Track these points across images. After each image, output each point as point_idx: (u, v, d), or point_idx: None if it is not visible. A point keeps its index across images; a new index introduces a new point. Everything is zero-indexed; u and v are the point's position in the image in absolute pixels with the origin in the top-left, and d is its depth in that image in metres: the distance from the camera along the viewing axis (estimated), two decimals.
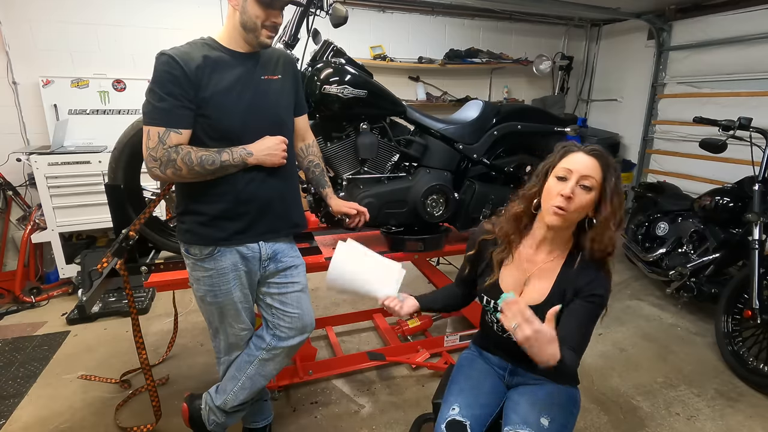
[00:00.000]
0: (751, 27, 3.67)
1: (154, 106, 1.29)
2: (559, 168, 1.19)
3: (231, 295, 1.48)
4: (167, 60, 1.28)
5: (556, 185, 1.17)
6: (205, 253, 1.44)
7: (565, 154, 1.20)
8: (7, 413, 2.06)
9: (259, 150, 1.38)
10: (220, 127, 1.36)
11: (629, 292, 3.38)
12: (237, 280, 1.48)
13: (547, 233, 1.24)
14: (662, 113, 4.57)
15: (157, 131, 1.29)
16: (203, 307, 1.54)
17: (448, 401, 1.32)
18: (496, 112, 2.26)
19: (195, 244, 1.44)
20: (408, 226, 2.22)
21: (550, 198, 1.18)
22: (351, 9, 3.87)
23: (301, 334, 1.60)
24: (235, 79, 1.36)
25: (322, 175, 1.80)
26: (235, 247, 1.45)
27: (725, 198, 2.79)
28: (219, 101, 1.33)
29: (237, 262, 1.46)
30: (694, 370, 2.41)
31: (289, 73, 1.52)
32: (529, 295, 1.26)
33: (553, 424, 1.20)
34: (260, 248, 1.49)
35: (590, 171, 1.15)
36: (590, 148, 1.19)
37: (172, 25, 3.61)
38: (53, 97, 3.28)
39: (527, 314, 0.94)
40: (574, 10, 4.56)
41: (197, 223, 1.42)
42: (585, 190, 1.15)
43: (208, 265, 1.45)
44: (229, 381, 1.60)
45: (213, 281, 1.46)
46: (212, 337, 1.61)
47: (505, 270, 1.31)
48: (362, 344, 2.65)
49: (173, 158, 1.29)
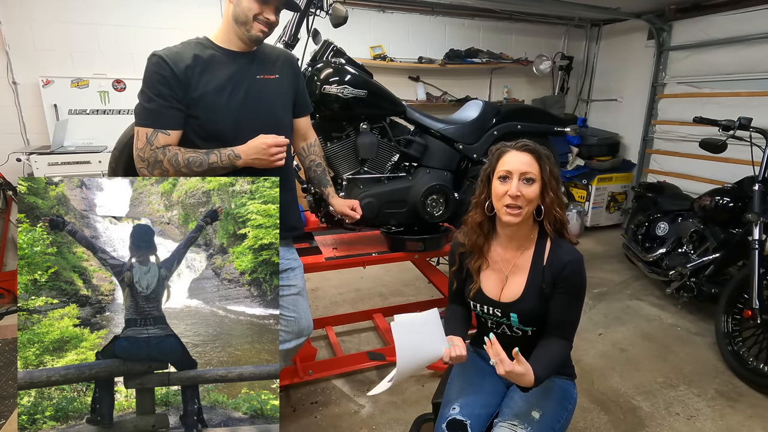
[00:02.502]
0: (751, 27, 3.67)
1: (143, 106, 1.30)
2: (499, 170, 1.26)
3: None
4: (157, 60, 1.29)
5: (502, 186, 1.24)
6: None
7: (501, 156, 1.27)
8: (7, 413, 2.05)
9: (248, 152, 1.35)
10: (210, 128, 1.35)
11: (629, 292, 3.38)
12: None
13: (509, 231, 1.31)
14: (662, 113, 4.57)
15: (145, 132, 1.29)
16: None
17: (448, 401, 1.34)
18: (496, 112, 2.26)
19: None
20: (408, 226, 2.22)
21: (499, 199, 1.25)
22: (351, 9, 3.87)
23: (297, 338, 1.59)
24: (227, 78, 1.35)
25: (323, 174, 1.80)
26: None
27: (725, 198, 2.79)
28: (209, 101, 1.33)
29: None
30: (694, 370, 2.41)
31: (288, 73, 1.51)
32: (509, 293, 1.32)
33: (544, 417, 1.24)
34: None
35: (528, 166, 1.23)
36: (521, 145, 1.26)
37: (173, 25, 3.61)
38: (53, 97, 3.28)
39: (502, 356, 1.10)
40: (574, 10, 4.56)
41: None
42: (528, 183, 1.23)
43: None
44: None
45: None
46: None
47: (484, 275, 1.36)
48: (362, 344, 2.65)
49: (160, 159, 1.30)
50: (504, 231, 1.32)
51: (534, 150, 1.25)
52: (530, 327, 1.31)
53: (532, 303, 1.28)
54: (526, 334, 1.33)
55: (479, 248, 1.35)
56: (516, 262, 1.32)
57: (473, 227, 1.35)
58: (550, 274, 1.26)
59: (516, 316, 1.30)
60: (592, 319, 2.96)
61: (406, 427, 1.92)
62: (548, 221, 1.28)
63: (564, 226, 1.30)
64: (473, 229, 1.35)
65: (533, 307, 1.28)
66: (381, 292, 3.37)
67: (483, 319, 1.40)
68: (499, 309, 1.32)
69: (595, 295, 3.31)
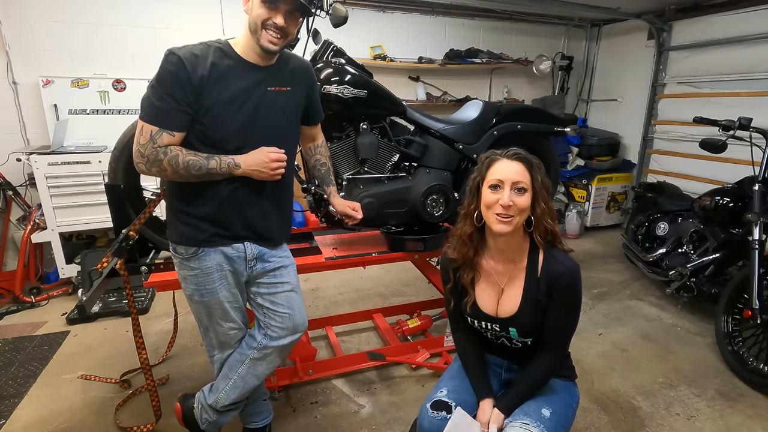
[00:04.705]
0: (751, 27, 3.67)
1: (153, 103, 1.28)
2: (489, 179, 1.23)
3: (217, 295, 1.48)
4: (176, 60, 1.26)
5: (492, 195, 1.21)
6: (190, 253, 1.44)
7: (491, 164, 1.25)
8: (7, 413, 2.05)
9: (248, 164, 1.36)
10: (212, 135, 1.35)
11: (629, 292, 3.38)
12: (223, 279, 1.47)
13: (500, 242, 1.28)
14: (662, 113, 4.57)
15: (150, 129, 1.29)
16: (192, 306, 1.55)
17: (438, 386, 1.36)
18: (496, 112, 2.26)
19: (180, 244, 1.44)
20: (408, 226, 2.22)
21: (489, 208, 1.22)
22: (351, 9, 3.88)
23: (292, 334, 1.59)
24: (240, 91, 1.35)
25: (327, 174, 1.82)
26: (219, 248, 1.44)
27: (725, 198, 2.79)
28: (217, 112, 1.33)
29: (222, 262, 1.46)
30: (694, 370, 2.40)
31: (302, 85, 1.51)
32: (506, 307, 1.30)
33: (554, 415, 1.24)
34: (245, 248, 1.48)
35: (520, 176, 1.21)
36: (512, 153, 1.24)
37: (172, 25, 3.61)
38: (53, 97, 3.28)
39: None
40: (574, 10, 4.56)
41: (182, 223, 1.43)
42: (520, 192, 1.20)
43: (193, 264, 1.45)
44: (222, 380, 1.60)
45: (198, 280, 1.46)
46: (203, 335, 1.62)
47: (479, 289, 1.34)
48: (362, 344, 2.65)
49: (160, 158, 1.30)
50: (495, 242, 1.29)
51: (525, 159, 1.23)
52: (530, 338, 1.30)
53: (530, 316, 1.26)
54: (526, 345, 1.32)
55: (470, 260, 1.32)
56: (511, 274, 1.30)
57: (463, 239, 1.31)
58: (545, 284, 1.25)
59: (515, 330, 1.29)
60: (592, 319, 2.96)
61: (406, 427, 1.92)
62: (538, 233, 1.25)
63: (556, 236, 1.27)
64: (463, 242, 1.31)
65: (531, 320, 1.27)
66: (381, 292, 3.37)
67: (483, 333, 1.38)
68: (497, 324, 1.31)
69: (595, 295, 3.31)
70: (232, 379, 1.57)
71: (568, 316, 1.27)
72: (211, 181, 1.37)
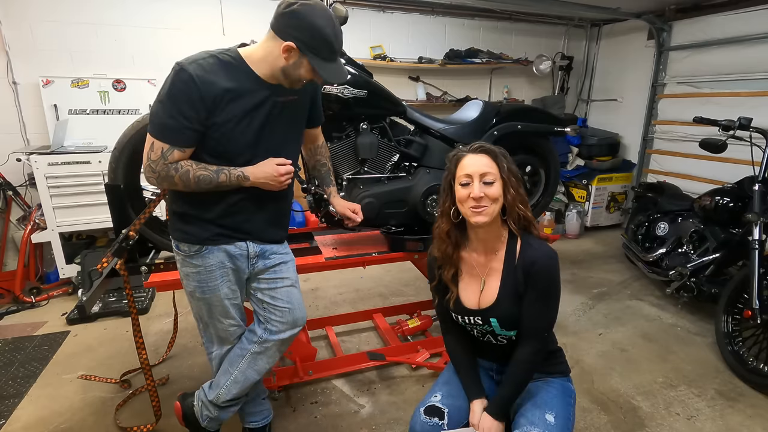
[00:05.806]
0: (751, 27, 3.67)
1: (164, 121, 1.28)
2: (459, 176, 1.27)
3: (218, 292, 1.49)
4: (187, 78, 1.24)
5: (464, 190, 1.25)
6: (193, 251, 1.45)
7: (459, 161, 1.28)
8: (7, 413, 2.06)
9: (257, 176, 1.39)
10: (222, 150, 1.37)
11: (629, 292, 3.38)
12: (224, 277, 1.49)
13: (480, 234, 1.31)
14: (662, 113, 4.57)
15: (161, 146, 1.29)
16: (193, 303, 1.56)
17: (432, 390, 1.37)
18: (496, 112, 2.26)
19: (183, 242, 1.46)
20: (408, 226, 2.22)
21: (463, 203, 1.26)
22: (351, 9, 3.88)
23: (292, 328, 1.60)
24: (252, 107, 1.35)
25: (327, 174, 1.84)
26: (222, 246, 1.46)
27: (725, 198, 2.79)
28: (229, 128, 1.33)
29: (224, 260, 1.47)
30: (694, 370, 2.41)
31: (308, 90, 1.52)
32: (486, 298, 1.31)
33: (558, 419, 1.24)
34: (248, 246, 1.50)
35: (487, 167, 1.24)
36: (476, 147, 1.28)
37: (172, 25, 3.61)
38: (53, 97, 3.28)
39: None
40: (574, 10, 4.56)
41: (185, 222, 1.44)
42: (489, 184, 1.24)
43: (196, 261, 1.46)
44: (222, 375, 1.62)
45: (201, 278, 1.47)
46: (202, 331, 1.63)
47: (462, 284, 1.36)
48: (362, 344, 2.65)
49: (171, 174, 1.31)
50: (475, 235, 1.32)
51: (490, 150, 1.26)
52: (513, 331, 1.30)
53: (509, 304, 1.27)
54: (511, 340, 1.32)
55: (449, 257, 1.34)
56: (491, 265, 1.32)
57: (442, 237, 1.34)
58: (522, 272, 1.26)
59: (496, 321, 1.29)
60: (592, 319, 2.96)
61: (406, 427, 1.92)
62: (512, 219, 1.28)
63: (530, 222, 1.30)
64: (441, 239, 1.34)
65: (510, 309, 1.27)
66: (381, 292, 3.37)
67: (469, 330, 1.39)
68: (479, 317, 1.31)
69: (595, 295, 3.31)
70: (233, 374, 1.59)
71: (543, 305, 1.26)
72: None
